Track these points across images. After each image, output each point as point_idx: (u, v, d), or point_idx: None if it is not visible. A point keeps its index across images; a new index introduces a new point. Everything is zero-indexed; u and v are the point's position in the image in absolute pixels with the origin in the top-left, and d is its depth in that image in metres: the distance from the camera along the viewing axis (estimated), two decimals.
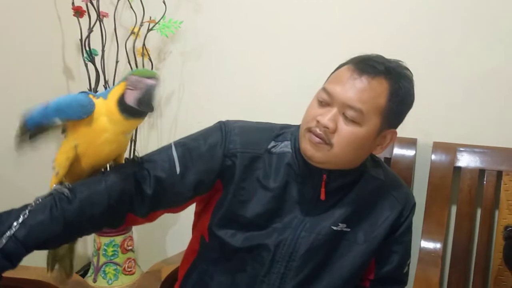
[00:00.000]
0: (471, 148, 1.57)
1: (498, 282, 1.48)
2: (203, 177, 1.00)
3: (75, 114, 0.87)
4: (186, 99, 2.04)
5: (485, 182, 1.54)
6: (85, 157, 0.91)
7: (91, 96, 0.90)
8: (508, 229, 1.45)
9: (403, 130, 1.04)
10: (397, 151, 1.57)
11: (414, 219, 1.10)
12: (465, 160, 1.56)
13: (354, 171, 1.02)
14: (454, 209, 1.60)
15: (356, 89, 0.93)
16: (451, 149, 1.57)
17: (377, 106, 0.93)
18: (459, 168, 1.56)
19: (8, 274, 0.84)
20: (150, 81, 0.87)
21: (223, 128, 1.04)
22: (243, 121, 1.10)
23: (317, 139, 0.94)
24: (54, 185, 0.91)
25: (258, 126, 1.08)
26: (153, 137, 2.14)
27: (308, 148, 0.97)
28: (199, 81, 1.99)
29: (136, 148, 2.00)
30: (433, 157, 1.58)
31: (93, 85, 1.85)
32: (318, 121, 0.94)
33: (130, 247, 2.00)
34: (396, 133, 1.01)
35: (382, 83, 0.94)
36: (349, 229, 1.02)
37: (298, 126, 1.04)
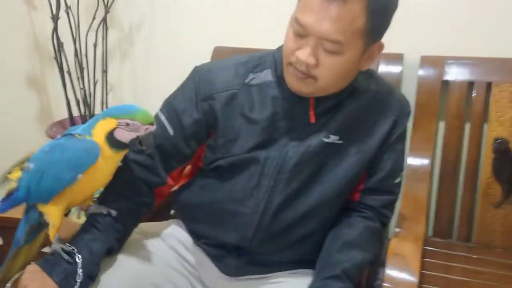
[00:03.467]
0: (459, 60, 1.53)
1: (486, 195, 1.51)
2: (195, 129, 1.06)
3: (91, 161, 0.91)
4: (158, 25, 1.98)
5: (474, 95, 1.52)
6: (81, 194, 0.97)
7: (78, 136, 0.93)
8: (497, 141, 1.47)
9: (388, 45, 1.00)
10: (383, 68, 1.54)
11: None
12: (454, 73, 1.53)
13: (343, 90, 1.00)
14: (442, 124, 1.60)
15: (330, 19, 0.87)
16: (439, 62, 1.54)
17: (357, 30, 0.89)
18: (447, 82, 1.54)
19: None
20: (152, 128, 0.93)
21: (195, 75, 1.07)
22: (216, 61, 1.13)
23: (301, 75, 0.94)
24: (61, 246, 0.95)
25: (231, 63, 1.07)
26: (126, 68, 2.09)
27: (293, 82, 0.97)
28: (172, 5, 1.92)
29: (107, 81, 1.96)
30: (420, 72, 1.55)
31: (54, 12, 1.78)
32: (298, 57, 0.92)
33: None
34: (382, 44, 0.98)
35: (356, 1, 0.87)
36: (341, 141, 1.03)
37: (278, 50, 1.02)
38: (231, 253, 1.08)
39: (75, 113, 1.99)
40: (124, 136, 0.92)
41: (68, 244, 0.95)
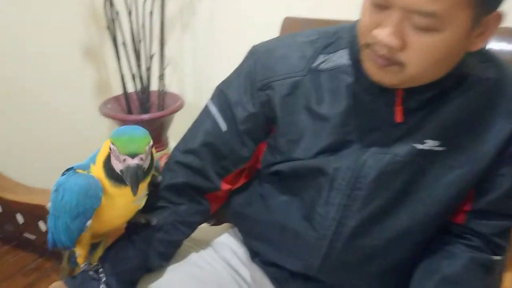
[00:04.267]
0: None
1: None
2: (250, 125, 0.86)
3: (94, 204, 0.74)
4: None
5: None
6: (103, 229, 0.82)
7: (80, 171, 0.75)
8: None
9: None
10: (495, 45, 1.26)
11: None
12: None
13: (448, 76, 0.74)
14: None
15: None
16: None
17: None
18: None
19: None
20: (130, 162, 0.70)
21: (251, 58, 0.87)
22: (277, 39, 0.89)
23: (382, 61, 0.69)
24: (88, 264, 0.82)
25: (296, 41, 0.84)
26: (186, 40, 1.92)
27: (373, 71, 0.72)
28: None
29: (165, 54, 1.80)
30: None
31: None
32: (376, 38, 0.67)
33: None
34: (500, 15, 0.69)
35: None
36: (442, 148, 0.77)
37: (356, 24, 0.77)
38: (295, 277, 0.88)
39: (131, 89, 1.86)
40: (115, 164, 0.72)
41: (95, 264, 0.80)
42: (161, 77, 1.83)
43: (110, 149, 0.71)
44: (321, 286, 0.87)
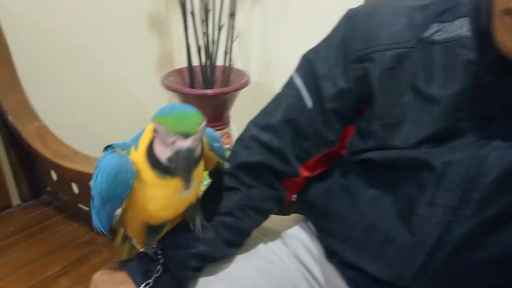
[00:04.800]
0: None
1: None
2: (339, 104, 0.74)
3: (123, 192, 0.63)
4: None
5: None
6: (150, 221, 0.71)
7: (118, 150, 0.65)
8: None
9: None
10: None
11: None
12: None
13: None
14: None
15: None
16: None
17: None
18: None
19: None
20: (182, 144, 0.57)
21: (346, 23, 0.74)
22: (379, 3, 0.74)
23: None
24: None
25: (404, 5, 0.70)
26: (257, 12, 1.81)
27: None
28: None
29: (234, 26, 1.69)
30: None
31: None
32: None
33: (227, 145, 1.81)
34: None
35: None
36: None
37: None
38: (380, 285, 0.75)
39: (196, 62, 1.77)
40: (158, 150, 0.60)
41: (155, 246, 0.71)
42: (228, 51, 1.73)
43: (154, 131, 0.59)
44: None
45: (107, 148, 0.67)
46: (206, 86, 1.78)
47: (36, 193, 1.50)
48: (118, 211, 0.65)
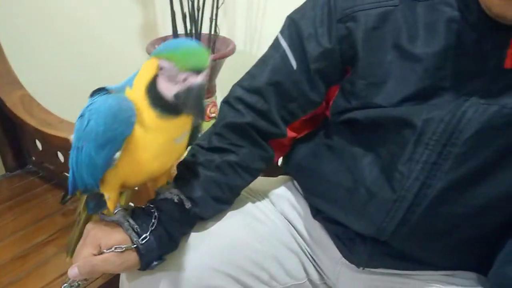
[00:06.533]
0: None
1: None
2: (323, 64, 0.77)
3: (123, 132, 0.61)
4: None
5: None
6: (136, 176, 0.69)
7: (111, 91, 0.63)
8: None
9: None
10: None
11: None
12: None
13: None
14: None
15: None
16: None
17: None
18: None
19: None
20: (194, 80, 0.56)
21: None
22: None
23: None
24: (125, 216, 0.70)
25: None
26: None
27: (496, 1, 0.60)
28: None
29: None
30: None
31: None
32: None
33: (213, 114, 1.84)
34: None
35: None
36: None
37: None
38: (363, 239, 0.79)
39: (181, 30, 1.77)
40: (164, 87, 0.59)
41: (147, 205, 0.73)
42: (214, 18, 1.73)
43: (159, 68, 0.58)
44: (391, 253, 0.78)
45: (95, 92, 0.66)
46: None
47: (21, 163, 1.50)
48: (117, 154, 0.62)
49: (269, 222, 0.85)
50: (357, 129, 0.77)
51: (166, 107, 0.60)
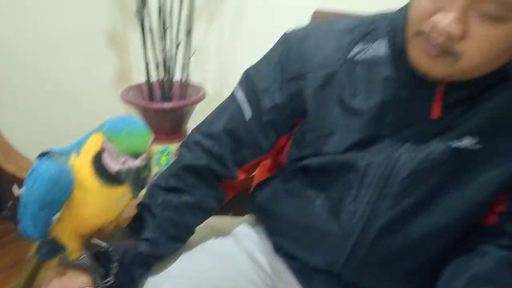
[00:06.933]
0: None
1: None
2: (274, 116, 0.84)
3: (63, 196, 0.67)
4: None
5: None
6: (80, 229, 0.75)
7: (56, 157, 0.69)
8: None
9: None
10: None
11: None
12: None
13: (490, 74, 0.72)
14: None
15: None
16: None
17: None
18: None
19: None
20: (132, 163, 0.64)
21: (283, 44, 0.84)
22: (314, 26, 0.87)
23: (436, 50, 0.66)
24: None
25: (334, 29, 0.82)
26: (212, 30, 1.93)
27: (423, 60, 0.69)
28: None
29: (191, 43, 1.80)
30: None
31: None
32: (435, 24, 0.64)
33: None
34: None
35: None
36: (479, 146, 0.75)
37: (399, 12, 0.75)
38: (320, 274, 0.87)
39: (154, 77, 1.87)
40: (108, 161, 0.65)
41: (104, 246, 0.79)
42: (186, 66, 1.83)
43: (103, 146, 0.65)
44: (345, 284, 0.86)
45: (42, 155, 0.71)
46: (165, 100, 1.87)
47: None
48: (56, 216, 0.68)
49: (234, 260, 0.91)
50: (311, 174, 0.85)
51: (110, 178, 0.66)
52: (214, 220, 0.96)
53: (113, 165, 0.65)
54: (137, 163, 0.64)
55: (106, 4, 1.97)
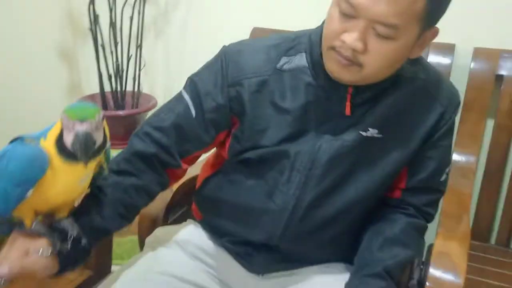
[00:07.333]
0: None
1: None
2: (216, 115, 0.99)
3: (37, 175, 0.76)
4: (195, 4, 1.96)
5: None
6: (44, 206, 0.83)
7: (28, 140, 0.78)
8: None
9: (439, 35, 0.92)
10: (432, 58, 1.48)
11: None
12: (509, 68, 1.47)
13: (386, 78, 0.94)
14: (490, 122, 1.55)
15: (387, 0, 0.79)
16: (494, 55, 1.48)
17: (415, 13, 0.82)
18: (501, 77, 1.48)
19: None
20: (80, 127, 0.72)
21: (222, 56, 1.00)
22: (246, 42, 1.05)
23: (345, 61, 0.86)
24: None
25: (263, 44, 1.01)
26: (160, 45, 2.08)
27: (335, 69, 0.89)
28: None
29: (141, 56, 1.96)
30: (472, 64, 1.49)
31: None
32: (343, 41, 0.84)
33: None
34: (437, 30, 0.90)
35: None
36: (380, 135, 0.97)
37: (315, 32, 0.96)
38: (259, 250, 1.05)
39: (107, 88, 2.00)
40: (67, 138, 0.74)
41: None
42: (137, 78, 1.98)
43: (62, 123, 0.73)
44: (281, 258, 1.05)
45: (15, 139, 0.79)
46: (118, 109, 2.01)
47: None
48: (29, 192, 0.76)
49: (182, 265, 1.06)
50: (250, 165, 1.01)
51: (69, 155, 0.75)
52: (160, 231, 1.13)
53: (68, 138, 0.73)
54: (84, 127, 0.72)
55: (57, 21, 2.08)
